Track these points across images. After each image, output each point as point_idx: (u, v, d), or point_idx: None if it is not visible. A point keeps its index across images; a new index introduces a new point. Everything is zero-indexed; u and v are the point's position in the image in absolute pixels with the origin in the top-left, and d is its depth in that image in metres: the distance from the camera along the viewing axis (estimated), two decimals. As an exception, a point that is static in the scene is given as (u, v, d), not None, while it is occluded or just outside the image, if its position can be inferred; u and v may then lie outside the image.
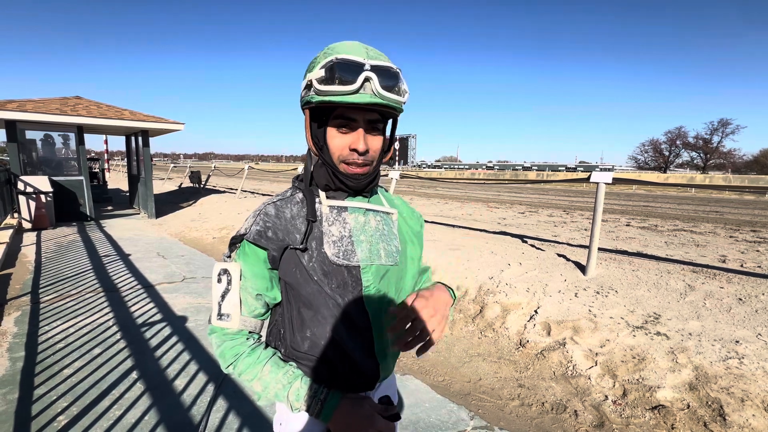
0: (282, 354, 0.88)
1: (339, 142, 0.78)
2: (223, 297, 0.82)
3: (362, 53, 0.74)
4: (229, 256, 0.84)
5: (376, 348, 0.87)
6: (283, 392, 0.79)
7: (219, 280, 0.82)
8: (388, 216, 0.91)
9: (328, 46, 0.78)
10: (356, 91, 0.72)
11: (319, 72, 0.73)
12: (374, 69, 0.72)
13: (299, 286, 0.82)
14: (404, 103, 0.79)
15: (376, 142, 0.80)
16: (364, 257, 0.84)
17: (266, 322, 0.91)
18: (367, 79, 0.72)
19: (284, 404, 0.81)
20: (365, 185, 0.84)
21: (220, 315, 0.82)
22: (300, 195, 0.86)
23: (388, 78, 0.74)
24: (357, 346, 0.85)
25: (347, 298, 0.83)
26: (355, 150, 0.77)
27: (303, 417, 0.85)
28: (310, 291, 0.81)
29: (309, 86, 0.76)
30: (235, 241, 0.84)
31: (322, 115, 0.80)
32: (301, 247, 0.80)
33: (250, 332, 0.85)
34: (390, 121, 0.85)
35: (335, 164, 0.80)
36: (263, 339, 0.90)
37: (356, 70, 0.71)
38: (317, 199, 0.85)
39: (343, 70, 0.71)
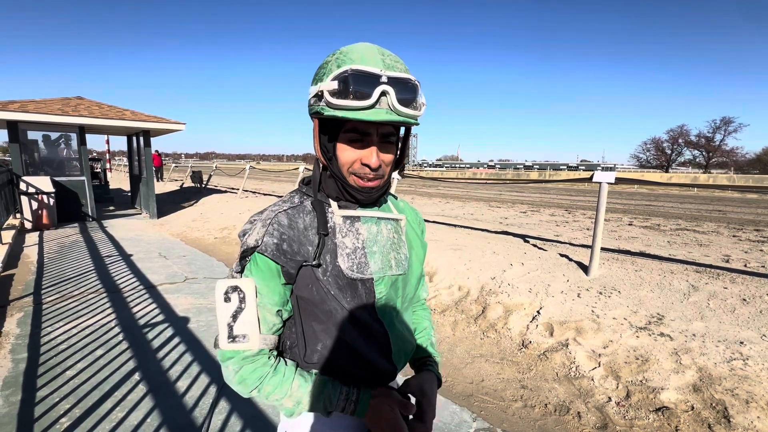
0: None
1: (350, 155, 0.75)
2: (234, 317, 0.75)
3: (378, 62, 0.69)
4: (240, 272, 0.78)
5: (394, 353, 0.87)
6: (318, 403, 0.78)
7: (227, 299, 0.75)
8: (398, 223, 0.89)
9: (340, 50, 0.73)
10: (371, 107, 0.67)
11: (331, 84, 0.68)
12: (391, 81, 0.67)
13: (315, 301, 0.79)
14: (420, 116, 0.74)
15: (388, 155, 0.77)
16: (377, 269, 0.82)
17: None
18: (383, 93, 0.67)
19: (319, 411, 0.80)
20: (376, 198, 0.81)
21: (233, 337, 0.75)
22: (310, 203, 0.82)
23: (406, 92, 0.69)
24: (375, 353, 0.84)
25: (361, 309, 0.81)
26: (367, 165, 0.74)
27: (308, 423, 0.85)
28: (327, 305, 0.79)
29: (320, 96, 0.71)
30: (246, 254, 0.77)
31: (332, 126, 0.75)
32: (315, 263, 0.77)
33: (270, 350, 0.80)
34: (402, 129, 0.81)
35: (344, 177, 0.77)
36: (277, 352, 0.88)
37: (372, 83, 0.66)
38: (329, 210, 0.82)
39: (357, 83, 0.66)
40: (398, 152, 0.83)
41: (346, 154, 0.75)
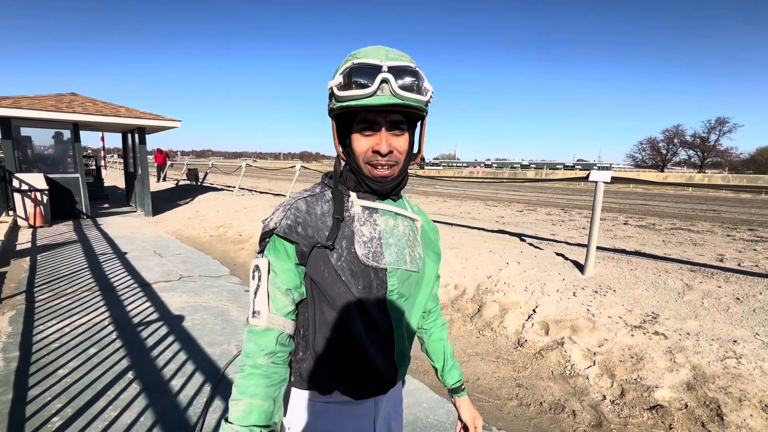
0: (301, 356, 0.86)
1: (363, 144, 0.79)
2: (255, 294, 0.81)
3: (381, 56, 0.75)
4: (261, 252, 0.84)
5: (396, 353, 0.87)
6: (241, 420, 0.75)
7: (253, 278, 0.82)
8: (414, 222, 0.91)
9: (351, 53, 0.79)
10: (374, 93, 0.72)
11: (338, 78, 0.74)
12: (391, 69, 0.72)
13: (326, 284, 0.81)
14: (428, 102, 0.79)
15: (399, 142, 0.80)
16: (392, 261, 0.83)
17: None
18: (384, 81, 0.72)
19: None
20: (391, 189, 0.84)
21: (253, 312, 0.82)
22: (330, 193, 0.86)
23: (406, 77, 0.73)
24: (378, 349, 0.85)
25: (372, 300, 0.82)
26: (377, 152, 0.78)
27: (309, 421, 0.86)
28: (337, 290, 0.81)
29: (331, 94, 0.77)
30: (265, 236, 0.83)
31: (347, 121, 0.81)
32: (329, 244, 0.79)
33: (279, 331, 0.80)
34: (418, 123, 0.85)
35: (360, 167, 0.81)
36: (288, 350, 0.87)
37: (373, 73, 0.72)
38: (349, 200, 0.85)
39: (359, 74, 0.72)
40: (417, 145, 0.87)
41: (359, 144, 0.80)
